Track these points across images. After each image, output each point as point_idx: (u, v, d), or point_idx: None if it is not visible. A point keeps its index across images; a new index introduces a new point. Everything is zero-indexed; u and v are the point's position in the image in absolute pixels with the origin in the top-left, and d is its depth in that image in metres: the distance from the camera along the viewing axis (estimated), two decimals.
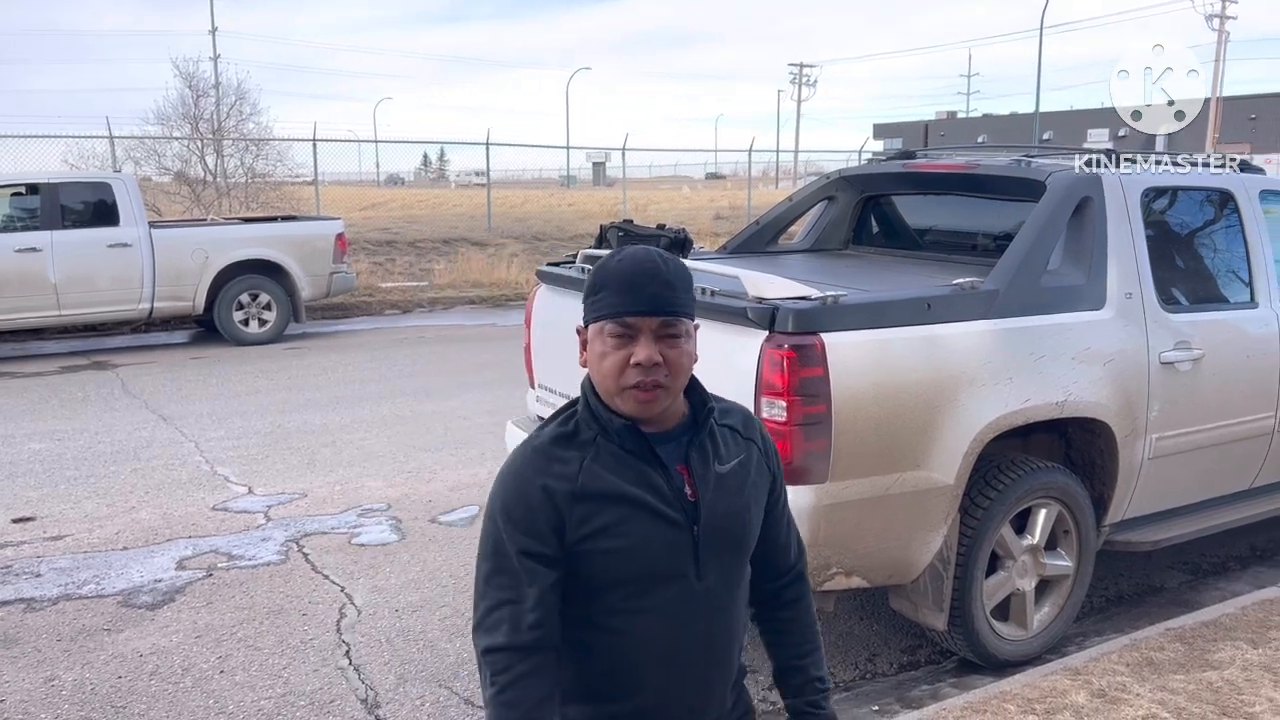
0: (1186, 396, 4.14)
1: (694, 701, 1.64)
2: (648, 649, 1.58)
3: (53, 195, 10.42)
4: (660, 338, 1.52)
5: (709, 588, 1.59)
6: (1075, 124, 51.28)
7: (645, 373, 1.51)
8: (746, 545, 1.66)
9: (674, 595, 1.57)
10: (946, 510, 3.56)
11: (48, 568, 4.89)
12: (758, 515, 1.67)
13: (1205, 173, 4.60)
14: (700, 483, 1.58)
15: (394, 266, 17.14)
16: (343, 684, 3.79)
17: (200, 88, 20.09)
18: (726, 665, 1.66)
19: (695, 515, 1.57)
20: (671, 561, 1.56)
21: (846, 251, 5.43)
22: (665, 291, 1.52)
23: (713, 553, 1.58)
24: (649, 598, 1.56)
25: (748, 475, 1.65)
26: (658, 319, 1.52)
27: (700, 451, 1.60)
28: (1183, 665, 3.63)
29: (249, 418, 7.79)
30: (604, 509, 1.53)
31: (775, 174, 40.96)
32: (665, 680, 1.60)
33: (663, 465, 1.56)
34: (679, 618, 1.58)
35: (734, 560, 1.63)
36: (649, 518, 1.54)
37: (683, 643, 1.59)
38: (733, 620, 1.65)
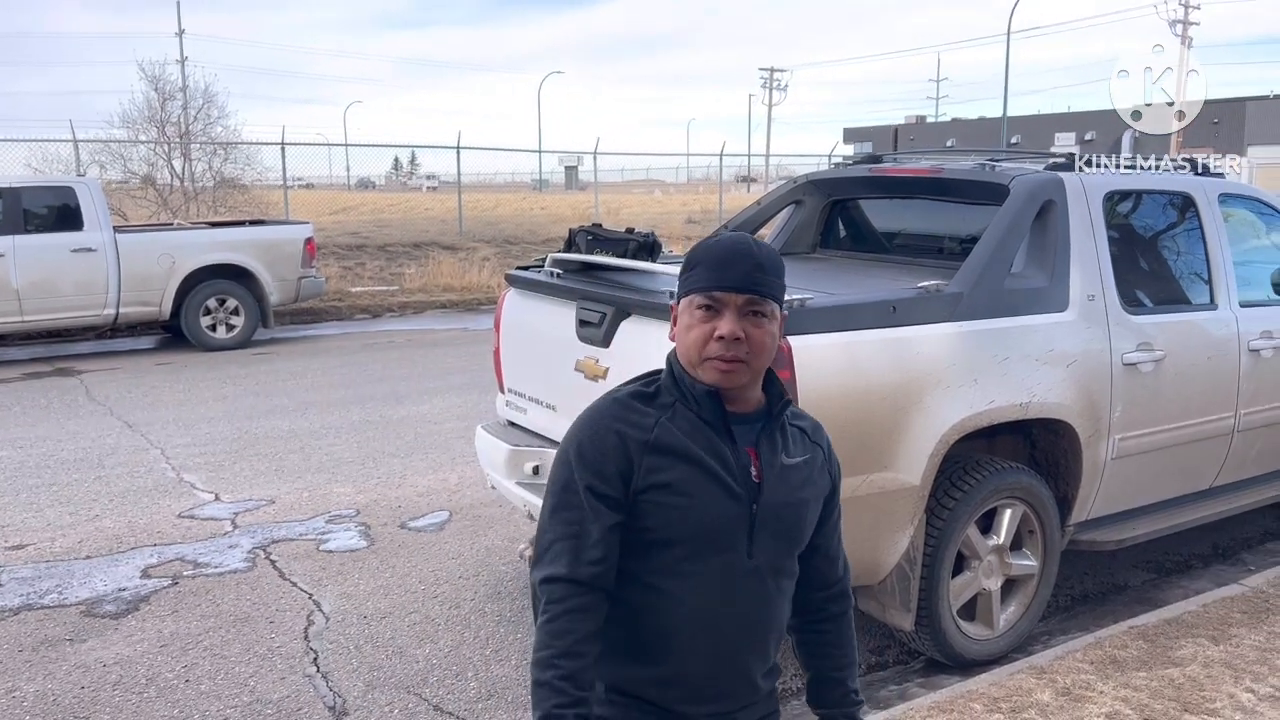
0: (1149, 397, 4.20)
1: (727, 680, 1.67)
2: (691, 616, 1.62)
3: (14, 199, 10.28)
4: (745, 314, 1.59)
5: (757, 568, 1.64)
6: (1043, 128, 51.84)
7: (727, 346, 1.57)
8: (799, 538, 1.70)
9: (722, 566, 1.62)
10: (913, 511, 3.58)
11: (9, 577, 4.81)
12: (813, 515, 1.72)
13: (1166, 176, 4.67)
14: (766, 467, 1.64)
15: (364, 270, 17.04)
16: (310, 691, 3.76)
17: (167, 91, 19.86)
18: (764, 652, 1.70)
19: (756, 494, 1.62)
20: (726, 531, 1.61)
21: (814, 255, 5.45)
22: (754, 272, 1.60)
23: (766, 535, 1.64)
24: (699, 563, 1.61)
25: (810, 474, 1.71)
26: (744, 296, 1.59)
27: (770, 439, 1.66)
28: (1146, 663, 3.68)
29: (216, 424, 7.71)
30: (673, 464, 1.59)
31: (747, 178, 41.12)
32: (702, 651, 1.64)
33: (733, 440, 1.62)
34: (724, 590, 1.62)
35: (785, 550, 1.68)
36: (713, 483, 1.60)
37: (723, 616, 1.63)
38: (776, 610, 1.69)
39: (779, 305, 1.64)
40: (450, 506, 5.74)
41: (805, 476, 1.69)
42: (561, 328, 4.05)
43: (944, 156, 5.36)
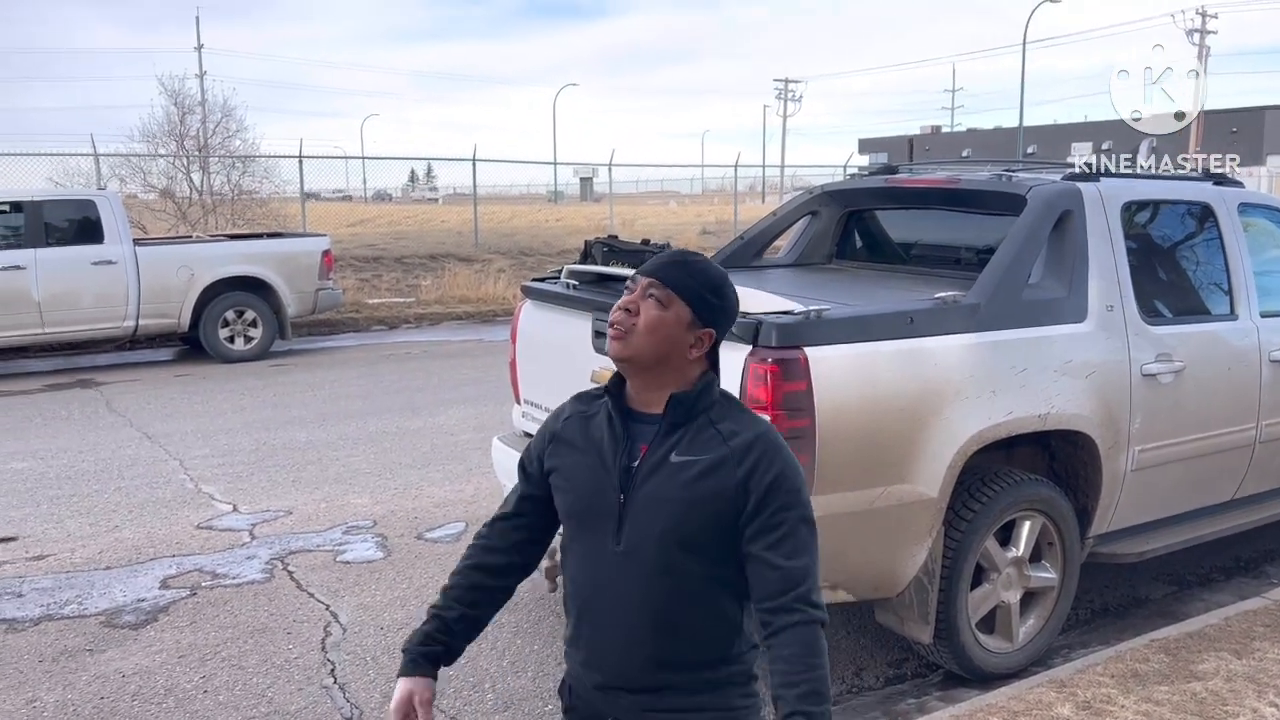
0: (1169, 408, 4.17)
1: (611, 656, 1.81)
2: (575, 589, 1.85)
3: (37, 213, 10.38)
4: (645, 296, 1.75)
5: (626, 554, 1.75)
6: (1059, 138, 51.63)
7: (618, 314, 1.75)
8: (680, 535, 1.72)
9: (593, 546, 1.79)
10: (931, 523, 3.57)
11: (30, 588, 4.85)
12: (700, 510, 1.72)
13: (1185, 185, 4.65)
14: (647, 462, 1.75)
15: (380, 282, 17.12)
16: (327, 703, 3.76)
17: (186, 105, 20.04)
18: (645, 639, 1.76)
19: (626, 484, 1.75)
20: (596, 516, 1.78)
21: (830, 266, 5.45)
22: (668, 265, 1.78)
23: (637, 525, 1.74)
24: (578, 541, 1.82)
25: (700, 471, 1.73)
26: (648, 279, 1.76)
27: (667, 437, 1.76)
28: (1167, 676, 3.64)
29: (234, 435, 7.75)
30: (566, 453, 1.84)
31: (762, 189, 41.12)
32: (585, 622, 1.83)
33: (625, 434, 1.78)
34: (594, 570, 1.80)
35: (664, 543, 1.73)
36: (589, 472, 1.79)
37: (596, 595, 1.80)
38: (659, 602, 1.74)
39: (689, 306, 1.75)
40: (466, 518, 5.74)
41: (693, 474, 1.72)
42: (577, 339, 4.06)
43: (961, 167, 5.35)
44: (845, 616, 4.41)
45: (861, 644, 4.26)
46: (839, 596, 3.53)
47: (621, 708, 1.83)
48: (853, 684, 3.96)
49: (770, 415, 3.27)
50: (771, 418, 3.27)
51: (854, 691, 3.91)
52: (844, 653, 4.19)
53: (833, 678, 3.94)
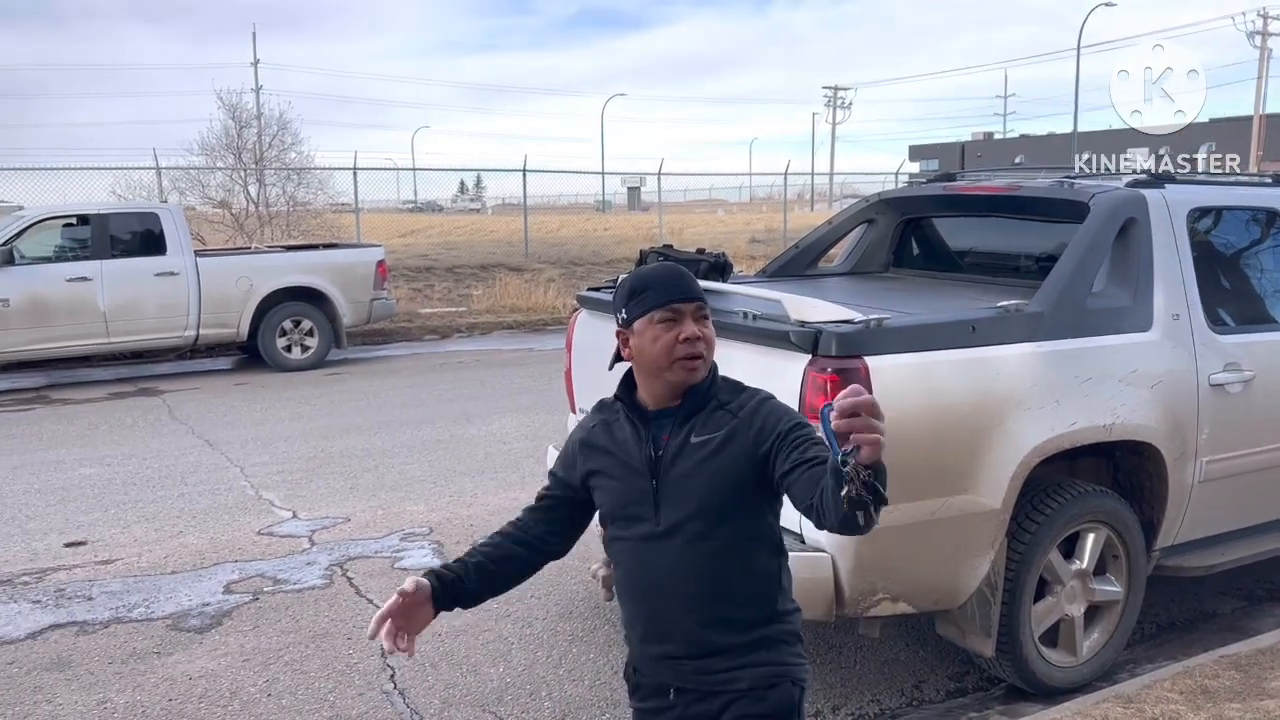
0: (1237, 419, 4.08)
1: (663, 626, 1.97)
2: (627, 574, 2.02)
3: (102, 225, 10.66)
4: (697, 319, 1.94)
5: (666, 533, 1.92)
6: (1114, 143, 50.75)
7: (691, 345, 1.91)
8: (713, 503, 1.90)
9: (639, 533, 1.96)
10: (993, 535, 3.52)
11: (99, 591, 4.97)
12: (724, 477, 1.89)
13: (1252, 191, 4.55)
14: (670, 447, 1.94)
15: (433, 292, 17.31)
16: (388, 708, 3.81)
17: (243, 118, 20.45)
18: (696, 606, 1.93)
19: (656, 471, 1.94)
20: (636, 504, 1.96)
21: (887, 274, 5.41)
22: (693, 285, 1.97)
23: (672, 505, 1.92)
24: (624, 529, 1.99)
25: (718, 444, 1.91)
26: (694, 303, 1.95)
27: (684, 423, 1.95)
28: (1239, 693, 3.56)
29: (292, 442, 7.88)
30: (598, 456, 2.03)
31: (811, 197, 40.94)
32: (638, 601, 2.01)
33: (647, 430, 1.97)
34: (642, 553, 1.97)
35: (699, 515, 1.90)
36: (622, 468, 1.98)
37: (645, 574, 1.97)
38: (701, 569, 1.92)
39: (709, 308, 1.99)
40: None
41: (712, 448, 1.91)
42: None
43: (1020, 173, 5.29)
44: (905, 628, 4.37)
45: (921, 656, 4.22)
46: (900, 608, 3.49)
47: (684, 674, 1.97)
48: (912, 697, 3.92)
49: None
50: None
51: (914, 705, 3.87)
52: (904, 665, 4.15)
53: (892, 690, 3.93)
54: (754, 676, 1.93)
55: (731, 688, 1.93)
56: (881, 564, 3.38)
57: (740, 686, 1.93)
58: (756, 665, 1.93)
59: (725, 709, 1.93)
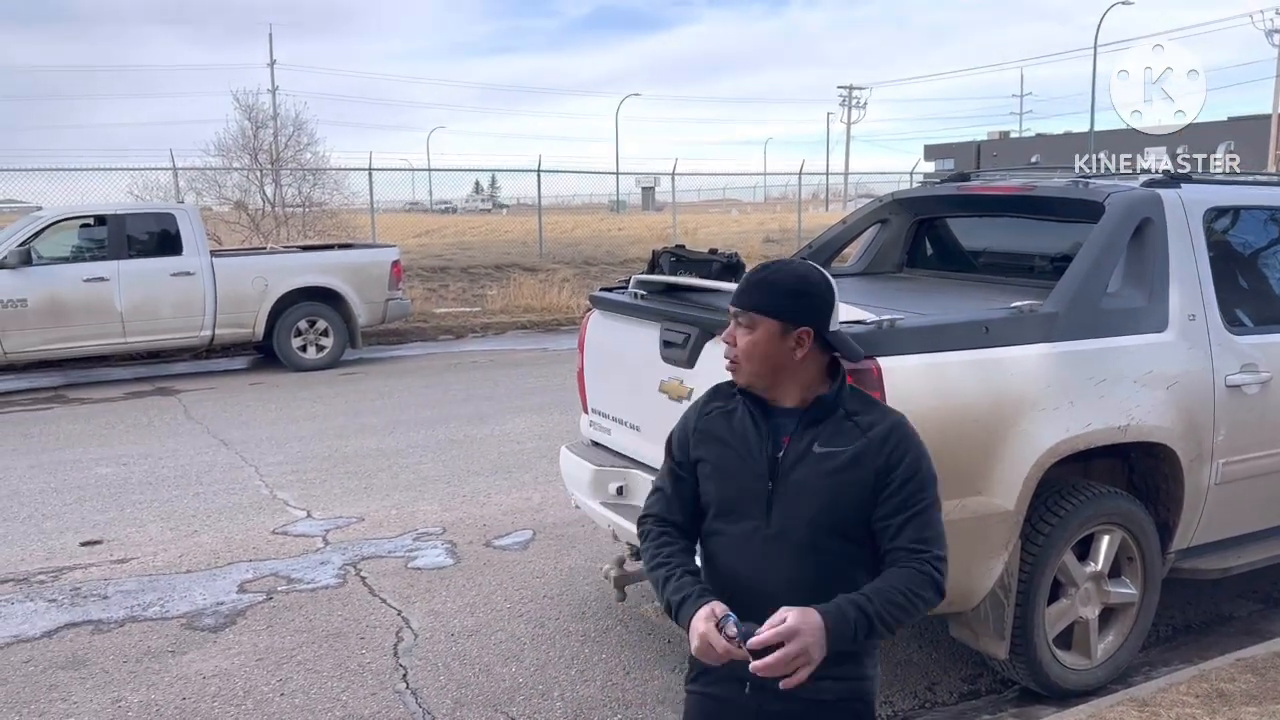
0: (1254, 420, 4.04)
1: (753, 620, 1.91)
2: (725, 564, 2.00)
3: (119, 226, 10.73)
4: (736, 326, 1.97)
5: (776, 536, 1.93)
6: (1131, 142, 50.35)
7: (727, 351, 1.99)
8: (827, 517, 1.91)
9: (745, 530, 1.96)
10: (1007, 536, 3.50)
11: (114, 590, 5.00)
12: (845, 498, 1.91)
13: (1270, 191, 4.51)
14: (791, 452, 1.93)
15: (447, 292, 17.36)
16: (400, 708, 3.82)
17: (259, 119, 20.55)
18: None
19: (774, 472, 1.93)
20: (747, 501, 1.95)
21: (901, 274, 5.39)
22: (745, 290, 1.97)
23: (784, 509, 1.92)
24: (728, 523, 1.98)
25: (844, 462, 1.92)
26: (732, 308, 1.98)
27: (808, 430, 1.95)
28: (1255, 697, 3.53)
29: (307, 442, 7.92)
30: (710, 445, 2.02)
31: (825, 197, 40.84)
32: (733, 590, 1.95)
33: (768, 427, 1.96)
34: (743, 549, 1.96)
35: (811, 524, 1.91)
36: (735, 461, 1.97)
37: (745, 570, 1.96)
38: (807, 577, 1.91)
39: (772, 318, 1.93)
40: (534, 525, 5.79)
41: (838, 464, 1.91)
42: (645, 349, 4.07)
43: (1035, 173, 5.26)
44: (918, 630, 4.35)
45: (934, 658, 4.20)
46: None
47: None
48: (925, 699, 3.90)
49: None
50: None
51: (927, 707, 3.85)
52: (917, 667, 4.13)
53: (905, 692, 3.91)
54: (839, 690, 1.95)
55: (815, 696, 1.92)
56: None
57: (825, 698, 1.94)
58: (842, 679, 1.94)
59: (804, 714, 1.95)
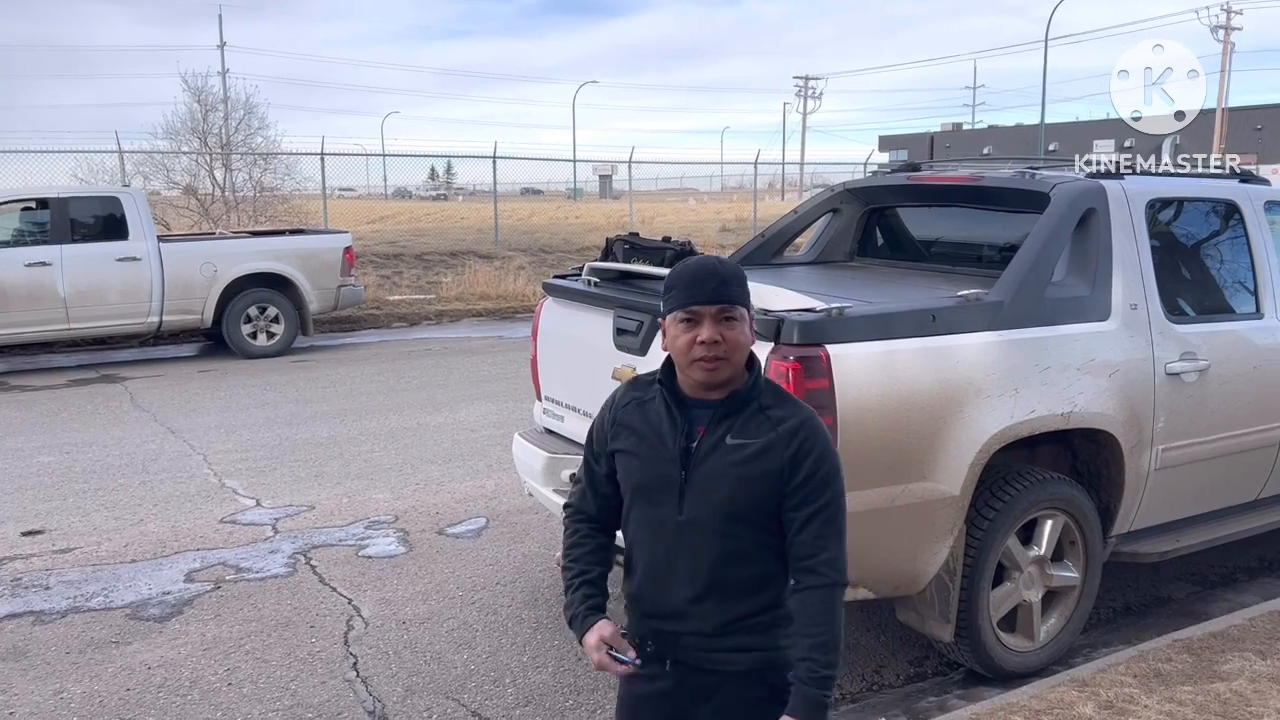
0: (1193, 407, 4.14)
1: (669, 605, 2.04)
2: (641, 548, 2.09)
3: (62, 210, 10.49)
4: (719, 321, 1.96)
5: (687, 522, 1.99)
6: (1081, 135, 51.21)
7: (708, 349, 1.95)
8: (735, 506, 1.97)
9: (660, 516, 2.03)
10: (953, 521, 3.56)
11: (56, 580, 4.91)
12: (752, 488, 1.97)
13: (1210, 183, 4.61)
14: (705, 442, 1.99)
15: (401, 279, 17.20)
16: (350, 696, 3.80)
17: (209, 102, 20.18)
18: (707, 595, 2.01)
19: (687, 462, 1.99)
20: (661, 489, 2.02)
21: (852, 263, 5.44)
22: (721, 286, 1.97)
23: (696, 497, 1.99)
24: (645, 509, 2.06)
25: (753, 454, 1.97)
26: (716, 306, 1.96)
27: (722, 421, 2.00)
28: (1190, 676, 3.63)
29: (257, 430, 7.82)
30: (626, 435, 2.08)
31: (781, 186, 41.01)
32: (646, 577, 2.08)
33: (682, 417, 2.02)
34: (659, 534, 2.04)
35: (720, 513, 1.98)
36: (650, 450, 2.04)
37: (659, 554, 2.05)
38: (715, 561, 2.00)
39: (746, 309, 2.00)
40: (488, 513, 5.77)
41: (747, 455, 1.97)
42: (599, 336, 4.07)
43: (983, 164, 5.33)
44: (866, 614, 4.41)
45: (882, 642, 4.26)
46: (860, 594, 3.52)
47: (683, 648, 2.06)
48: (873, 681, 3.96)
49: None
50: None
51: (874, 689, 3.91)
52: (865, 650, 4.19)
53: (853, 675, 3.96)
54: (751, 660, 2.03)
55: (728, 668, 2.03)
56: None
57: (737, 668, 2.03)
58: (754, 649, 2.03)
59: (720, 686, 2.04)
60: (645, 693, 2.11)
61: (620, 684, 2.18)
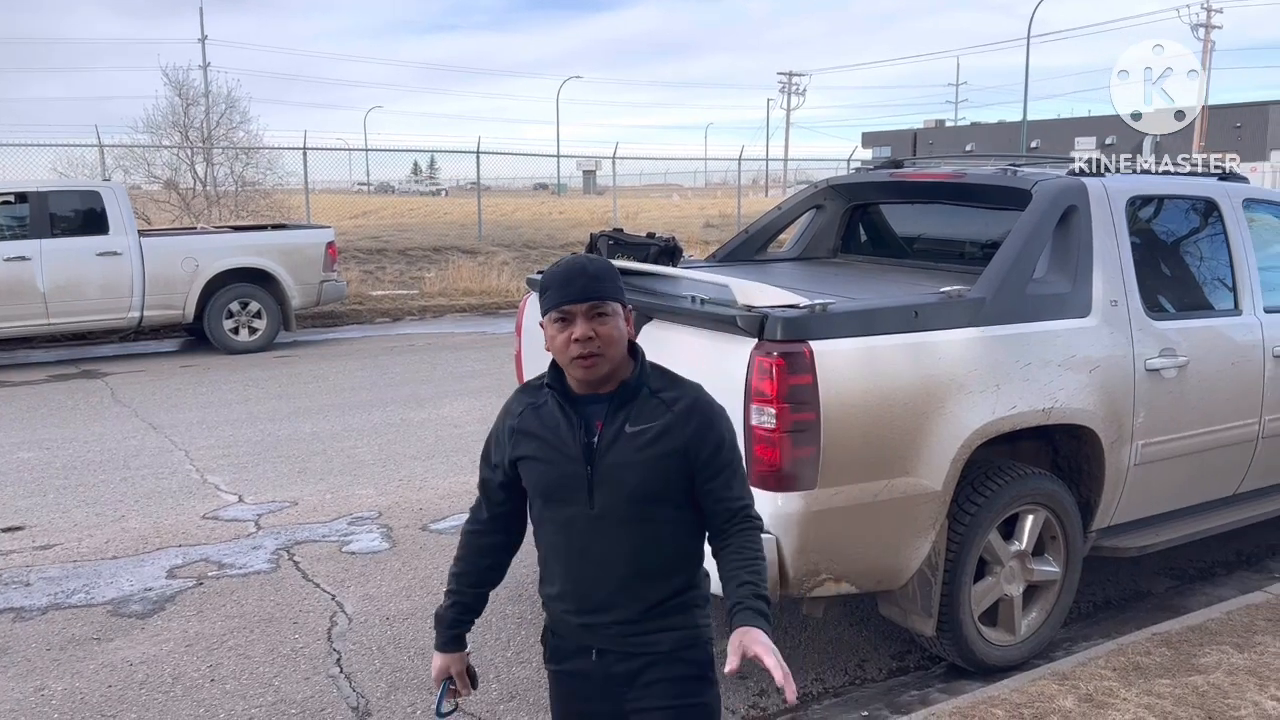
0: (1172, 403, 4.18)
1: (592, 600, 2.09)
2: (556, 549, 2.12)
3: (42, 204, 10.40)
4: (591, 318, 1.97)
5: (599, 516, 2.03)
6: (1062, 132, 51.54)
7: (583, 346, 1.97)
8: (645, 491, 2.01)
9: (571, 515, 2.06)
10: (935, 516, 3.58)
11: (37, 577, 4.87)
12: (659, 469, 2.01)
13: (1190, 180, 4.65)
14: (605, 436, 2.02)
15: (384, 275, 17.14)
16: (334, 692, 3.79)
17: (190, 96, 20.01)
18: (626, 581, 2.06)
19: (590, 458, 2.02)
20: (569, 488, 2.04)
21: (835, 260, 5.46)
22: (590, 283, 1.99)
23: (605, 490, 2.02)
24: (555, 510, 2.09)
25: (654, 436, 2.01)
26: (586, 304, 1.98)
27: (618, 412, 2.03)
28: (1169, 670, 3.66)
29: (239, 426, 7.78)
30: (526, 441, 2.10)
31: (765, 182, 41.07)
32: (566, 575, 2.12)
33: (579, 416, 2.04)
34: (573, 532, 2.07)
35: (632, 500, 2.01)
36: (551, 452, 2.06)
37: (576, 552, 2.08)
38: (633, 550, 2.04)
39: (619, 304, 2.02)
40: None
41: (648, 439, 2.01)
42: None
43: (966, 161, 5.36)
44: (849, 608, 4.44)
45: (864, 636, 4.28)
46: (843, 588, 3.54)
47: (606, 637, 2.11)
48: (855, 675, 3.98)
49: (775, 408, 3.28)
50: (776, 411, 3.29)
51: (857, 683, 3.93)
52: (847, 645, 4.21)
53: (836, 669, 3.98)
54: (673, 640, 2.08)
55: (652, 650, 2.08)
56: (825, 545, 3.42)
57: (661, 649, 2.08)
58: (674, 629, 2.09)
59: (645, 669, 2.09)
60: (572, 687, 2.19)
61: (549, 677, 2.27)
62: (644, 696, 2.09)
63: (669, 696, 2.08)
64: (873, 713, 3.68)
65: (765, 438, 3.31)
